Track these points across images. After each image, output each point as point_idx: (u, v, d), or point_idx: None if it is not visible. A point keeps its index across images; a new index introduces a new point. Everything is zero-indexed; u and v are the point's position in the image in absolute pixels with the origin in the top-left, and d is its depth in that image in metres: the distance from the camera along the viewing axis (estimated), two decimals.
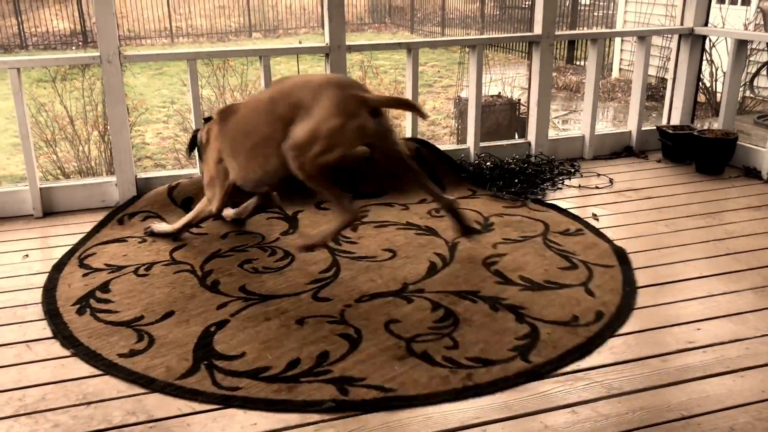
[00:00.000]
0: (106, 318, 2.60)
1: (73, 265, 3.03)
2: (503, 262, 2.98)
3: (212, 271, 2.96)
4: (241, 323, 2.54)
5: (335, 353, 2.33)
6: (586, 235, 3.26)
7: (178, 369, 2.27)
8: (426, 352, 2.32)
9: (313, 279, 2.87)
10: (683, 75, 4.62)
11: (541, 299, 2.66)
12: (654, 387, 2.16)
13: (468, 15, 15.46)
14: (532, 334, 2.43)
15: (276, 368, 2.26)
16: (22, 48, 13.86)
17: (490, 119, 6.74)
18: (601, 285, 2.78)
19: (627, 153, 4.60)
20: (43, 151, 5.77)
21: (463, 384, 2.17)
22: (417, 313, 2.58)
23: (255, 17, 16.23)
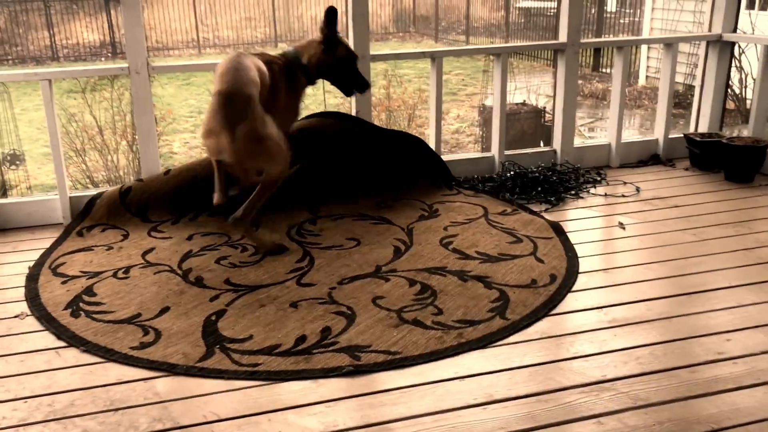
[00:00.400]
0: (103, 318, 2.67)
1: (47, 274, 3.07)
2: (457, 241, 3.29)
3: (191, 269, 3.07)
4: (239, 311, 2.69)
5: (336, 328, 2.54)
6: (522, 214, 3.63)
7: (195, 354, 2.40)
8: (417, 319, 2.60)
9: (291, 269, 3.04)
10: (711, 82, 4.56)
11: (501, 269, 3.01)
12: (682, 398, 2.13)
13: (492, 23, 15.43)
14: (502, 297, 2.76)
15: (286, 345, 2.44)
16: (54, 60, 14.13)
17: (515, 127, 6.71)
18: (546, 253, 3.15)
19: (654, 161, 4.55)
20: (72, 161, 5.87)
21: (457, 341, 2.45)
22: (397, 289, 2.84)
23: (281, 28, 16.36)
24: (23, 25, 14.30)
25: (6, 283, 3.02)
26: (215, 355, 2.39)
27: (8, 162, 5.83)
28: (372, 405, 2.14)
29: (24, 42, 14.34)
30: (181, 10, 15.44)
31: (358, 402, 2.16)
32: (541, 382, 2.23)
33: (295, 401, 2.16)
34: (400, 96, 7.89)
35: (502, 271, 2.97)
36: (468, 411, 2.10)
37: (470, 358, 2.36)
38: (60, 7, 14.72)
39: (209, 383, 2.26)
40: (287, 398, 2.17)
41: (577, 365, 2.31)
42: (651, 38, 9.57)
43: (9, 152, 5.86)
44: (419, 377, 2.27)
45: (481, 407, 2.11)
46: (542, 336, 2.50)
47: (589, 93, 10.29)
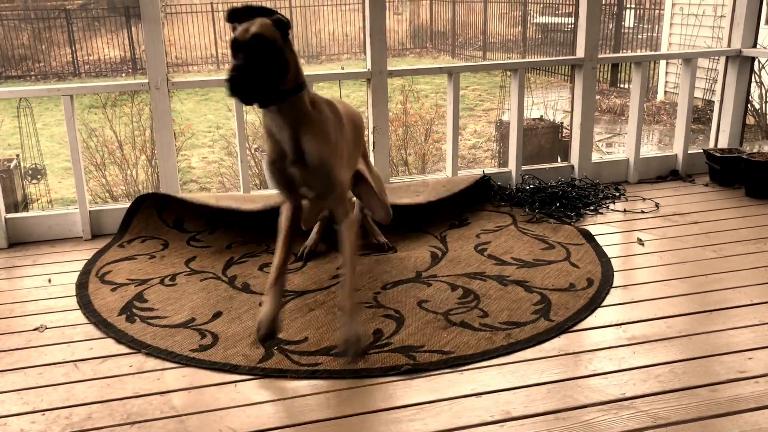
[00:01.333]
0: (159, 323, 2.73)
1: (95, 282, 3.14)
2: (491, 248, 3.36)
3: (236, 276, 3.14)
4: (290, 315, 2.75)
5: (387, 330, 2.61)
6: (550, 222, 3.70)
7: (254, 356, 2.47)
8: (464, 321, 2.67)
9: (333, 275, 3.11)
10: (731, 97, 4.53)
11: (538, 273, 3.07)
12: (703, 418, 2.09)
13: (509, 39, 15.46)
14: (543, 299, 2.83)
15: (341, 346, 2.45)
16: (75, 75, 14.34)
17: (532, 142, 6.70)
18: (580, 258, 3.22)
19: (673, 177, 4.52)
20: (92, 175, 5.94)
21: (507, 341, 2.52)
22: (440, 294, 2.91)
23: (299, 44, 16.50)
24: (46, 41, 14.56)
25: (26, 296, 3.05)
26: (274, 356, 2.46)
27: (30, 176, 5.91)
28: (388, 421, 2.12)
29: (46, 58, 14.58)
30: (201, 26, 15.64)
31: (374, 417, 2.14)
32: (559, 399, 2.20)
33: (310, 417, 2.15)
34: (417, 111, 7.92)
35: (540, 276, 3.04)
36: (485, 428, 2.08)
37: (488, 375, 2.35)
38: (82, 24, 14.97)
39: (225, 397, 2.26)
40: (301, 413, 2.16)
41: (596, 383, 2.29)
42: (669, 53, 9.53)
43: (31, 166, 5.94)
44: (436, 393, 2.25)
45: (498, 425, 2.09)
46: (560, 353, 2.48)
47: (606, 108, 10.25)
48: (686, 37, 9.84)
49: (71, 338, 2.68)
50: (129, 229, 3.64)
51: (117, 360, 2.51)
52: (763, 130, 7.75)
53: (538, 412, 2.14)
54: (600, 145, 8.36)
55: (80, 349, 2.60)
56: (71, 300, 3.00)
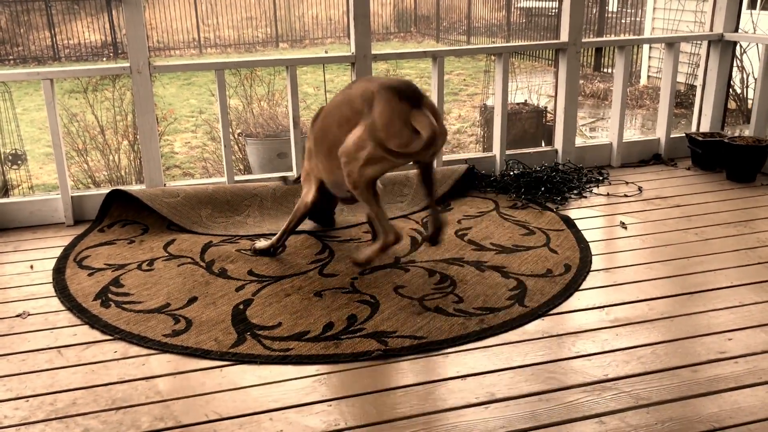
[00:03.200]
0: (133, 308, 2.73)
1: (73, 267, 3.13)
2: (472, 233, 3.38)
3: (214, 260, 3.13)
4: (265, 300, 2.76)
5: (361, 315, 2.62)
6: (532, 207, 3.73)
7: (227, 341, 2.47)
8: (439, 307, 2.68)
9: (312, 260, 3.12)
10: (713, 81, 4.56)
11: (516, 259, 3.09)
12: (684, 398, 2.13)
13: (493, 23, 15.43)
14: (520, 285, 2.84)
15: (315, 331, 2.52)
16: (55, 60, 14.15)
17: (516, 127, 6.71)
18: (559, 245, 3.24)
19: (655, 160, 4.55)
20: (74, 161, 5.87)
21: (480, 327, 2.53)
22: (417, 279, 2.92)
23: (282, 28, 16.37)
24: (25, 25, 14.33)
25: (8, 283, 3.03)
26: (247, 341, 2.46)
27: (10, 162, 5.83)
28: (374, 404, 2.14)
29: (25, 42, 14.36)
30: (183, 9, 15.46)
31: (360, 400, 2.16)
32: (542, 381, 2.23)
33: (297, 400, 2.16)
34: None
35: (517, 262, 3.05)
36: (470, 410, 2.10)
37: (472, 357, 2.37)
38: (61, 7, 14.74)
39: (210, 381, 2.26)
40: (288, 397, 2.17)
41: (579, 364, 2.31)
42: (653, 38, 9.57)
43: (11, 152, 5.86)
44: (420, 376, 2.27)
45: (483, 406, 2.11)
46: (544, 335, 2.50)
47: (590, 93, 10.28)
48: (669, 21, 9.88)
49: (54, 324, 2.66)
50: (108, 212, 3.62)
51: (101, 346, 2.50)
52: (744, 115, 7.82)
53: (522, 393, 2.16)
54: (583, 129, 8.39)
55: (63, 335, 2.58)
56: (54, 286, 2.98)
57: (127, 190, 3.62)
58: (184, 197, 3.62)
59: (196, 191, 3.68)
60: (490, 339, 2.47)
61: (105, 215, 3.62)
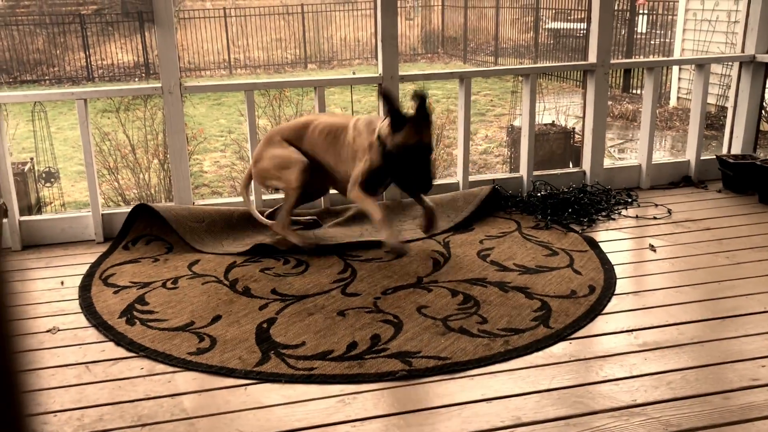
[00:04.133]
0: (158, 326, 2.75)
1: (98, 285, 3.16)
2: (494, 254, 3.35)
3: (237, 279, 3.15)
4: (289, 319, 2.76)
5: (385, 335, 2.60)
6: (555, 228, 3.68)
7: (251, 359, 2.47)
8: (463, 327, 2.65)
9: (334, 279, 3.12)
10: (744, 103, 4.51)
11: (540, 280, 3.05)
12: (715, 425, 2.08)
13: (521, 44, 15.45)
14: (544, 306, 2.80)
15: (338, 351, 2.51)
16: (89, 80, 14.46)
17: (544, 148, 6.68)
18: (583, 265, 3.20)
19: (685, 183, 4.50)
20: (105, 179, 5.97)
21: (504, 348, 2.50)
22: (440, 299, 2.89)
23: (310, 49, 16.57)
24: (61, 46, 14.69)
25: (39, 298, 3.08)
26: (271, 360, 2.46)
27: (43, 179, 5.95)
28: (398, 426, 2.12)
29: (61, 62, 14.71)
30: (214, 31, 15.73)
31: (385, 422, 2.14)
32: (570, 405, 2.19)
33: (321, 420, 2.15)
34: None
35: (541, 282, 3.02)
36: None
37: (497, 380, 2.34)
38: (96, 28, 15.09)
39: (235, 400, 2.27)
40: (313, 417, 2.17)
41: (607, 389, 2.28)
42: (682, 59, 9.49)
43: (44, 170, 5.99)
44: (445, 399, 2.25)
45: (509, 430, 2.08)
46: (571, 358, 2.47)
47: (619, 114, 10.21)
48: (699, 42, 9.79)
49: (83, 340, 2.70)
50: (133, 227, 3.66)
51: (128, 362, 2.52)
52: None
53: (549, 417, 2.13)
54: (612, 150, 8.32)
55: (92, 351, 2.61)
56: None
57: (154, 206, 3.66)
58: (208, 223, 3.64)
59: (222, 216, 3.69)
60: (515, 361, 2.43)
61: (129, 229, 3.66)
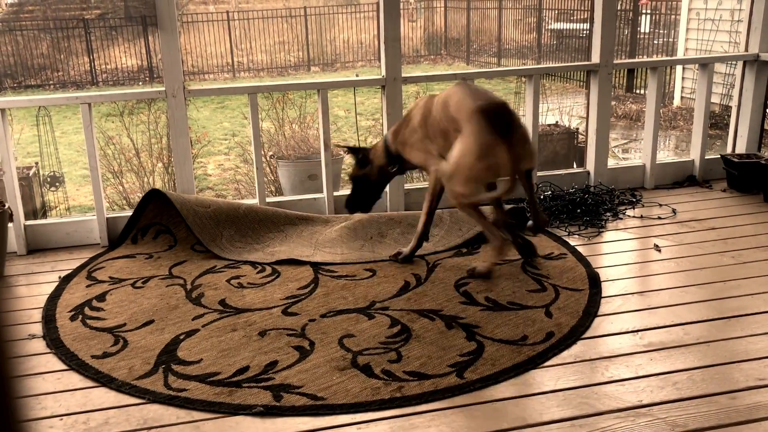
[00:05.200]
0: (93, 324, 2.81)
1: (81, 276, 3.26)
2: (474, 284, 3.08)
3: (201, 285, 3.15)
4: (209, 333, 2.71)
5: (283, 363, 2.47)
6: (567, 260, 3.32)
7: (139, 371, 2.46)
8: (368, 365, 2.44)
9: (289, 295, 3.02)
10: (749, 102, 4.49)
11: (498, 319, 2.75)
12: (722, 426, 2.07)
13: (524, 45, 15.43)
14: (477, 351, 2.51)
15: (225, 374, 2.41)
16: (93, 84, 14.50)
17: (548, 148, 6.67)
18: (563, 307, 2.84)
19: (690, 182, 4.48)
20: (110, 182, 5.99)
21: (391, 395, 2.26)
22: (374, 329, 2.70)
23: (314, 52, 16.58)
24: (65, 51, 14.73)
25: (44, 302, 3.08)
26: (155, 374, 2.43)
27: (48, 184, 5.97)
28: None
29: (65, 67, 14.75)
30: (217, 34, 15.76)
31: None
32: (575, 406, 2.19)
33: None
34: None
35: (497, 322, 2.71)
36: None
37: (502, 383, 2.33)
38: (100, 33, 15.13)
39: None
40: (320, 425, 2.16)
41: (613, 390, 2.27)
42: (686, 58, 9.47)
43: (49, 174, 6.00)
44: (448, 402, 2.24)
45: (514, 431, 2.08)
46: (576, 359, 2.46)
47: (622, 114, 10.19)
48: (703, 42, 9.77)
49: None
50: (143, 214, 3.69)
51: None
52: None
53: (554, 419, 2.13)
54: (615, 151, 8.31)
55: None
56: None
57: (164, 191, 3.67)
58: (214, 210, 3.64)
59: (228, 207, 3.71)
60: (395, 410, 2.17)
61: (141, 215, 3.69)
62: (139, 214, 3.70)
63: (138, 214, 3.70)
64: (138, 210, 3.71)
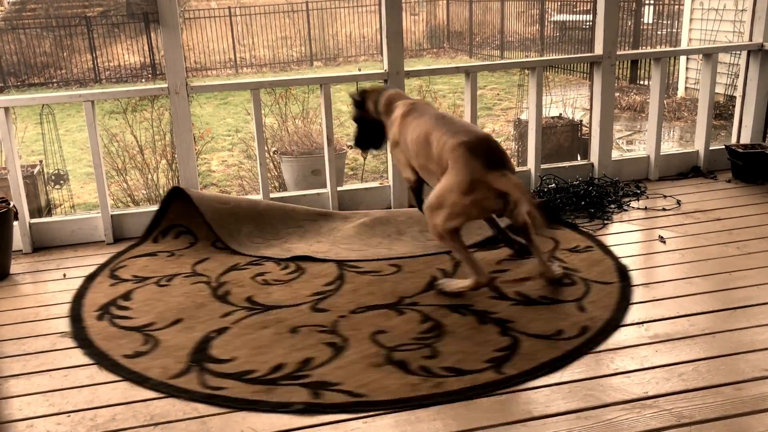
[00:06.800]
0: (121, 323, 2.79)
1: (105, 275, 3.25)
2: (503, 278, 3.05)
3: (226, 282, 3.13)
4: (240, 330, 2.70)
5: (318, 360, 2.46)
6: (594, 252, 3.30)
7: (172, 370, 2.44)
8: (403, 361, 2.42)
9: (316, 291, 3.01)
10: (753, 92, 4.47)
11: (530, 314, 2.73)
12: (728, 416, 2.07)
13: (527, 37, 15.38)
14: (511, 347, 2.49)
15: (260, 372, 2.40)
16: (96, 82, 14.51)
17: (551, 141, 6.65)
18: (595, 301, 2.81)
19: (694, 173, 4.47)
20: (114, 180, 5.99)
21: (431, 391, 2.24)
22: (405, 325, 2.68)
23: (316, 46, 16.56)
24: (67, 48, 14.75)
25: (50, 300, 3.10)
26: (190, 373, 2.41)
27: (53, 182, 5.99)
28: (406, 421, 2.12)
29: (68, 65, 14.77)
30: (219, 30, 15.75)
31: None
32: (581, 398, 2.19)
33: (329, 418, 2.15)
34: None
35: (529, 317, 2.70)
36: (505, 428, 2.07)
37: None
38: (102, 30, 15.14)
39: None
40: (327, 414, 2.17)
41: (618, 381, 2.27)
42: (689, 49, 9.42)
43: (54, 172, 6.02)
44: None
45: (520, 424, 2.08)
46: (582, 352, 2.46)
47: (626, 105, 10.16)
48: (707, 32, 9.73)
49: None
50: (166, 215, 3.69)
51: None
52: None
53: (560, 411, 2.13)
54: (620, 142, 8.29)
55: None
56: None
57: (185, 189, 3.67)
58: (233, 206, 3.66)
59: (248, 204, 3.72)
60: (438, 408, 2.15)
61: (164, 216, 3.70)
62: (162, 215, 3.70)
63: (161, 215, 3.70)
64: (161, 210, 3.71)
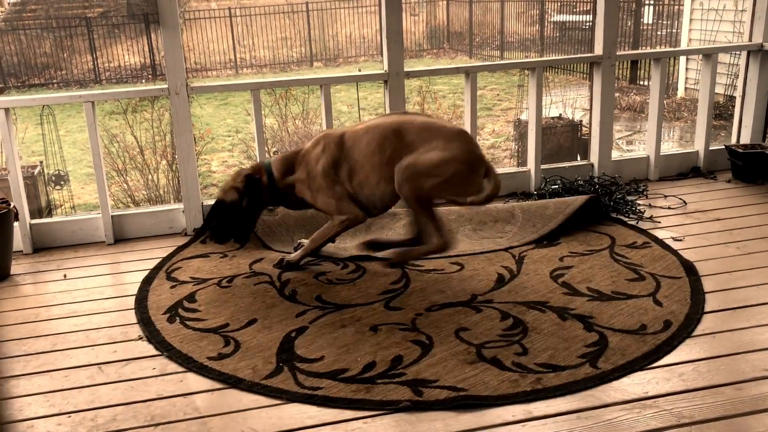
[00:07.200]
0: (194, 325, 2.77)
1: (161, 278, 3.22)
2: (570, 274, 3.05)
3: (289, 281, 3.12)
4: (319, 329, 2.69)
5: (408, 357, 2.44)
6: (654, 248, 3.30)
7: (264, 370, 2.42)
8: (496, 358, 2.41)
9: (384, 290, 3.00)
10: (753, 92, 4.48)
11: (609, 309, 2.72)
12: (728, 416, 2.07)
13: (527, 38, 15.39)
14: (600, 342, 2.48)
15: (353, 370, 2.39)
16: (97, 82, 14.52)
17: (551, 141, 6.66)
18: (669, 295, 2.81)
19: (694, 173, 4.47)
20: (114, 180, 6.00)
21: (533, 387, 2.24)
22: (486, 322, 2.67)
23: (316, 47, 16.57)
24: (67, 49, 14.75)
25: (50, 301, 3.10)
26: (282, 373, 2.40)
27: (53, 182, 5.99)
28: (410, 421, 2.12)
29: (68, 66, 14.78)
30: (219, 31, 15.75)
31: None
32: (581, 398, 2.19)
33: (331, 418, 2.16)
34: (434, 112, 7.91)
35: (610, 312, 2.69)
36: (507, 428, 2.07)
37: (514, 427, 2.33)
38: (102, 31, 15.15)
39: (247, 398, 2.27)
40: (325, 415, 2.17)
41: (618, 381, 2.27)
42: (689, 49, 9.43)
43: (54, 173, 6.02)
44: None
45: (520, 424, 2.09)
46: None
47: (626, 106, 10.16)
48: (706, 32, 9.73)
49: (95, 341, 2.71)
50: None
51: (140, 362, 2.54)
52: None
53: (560, 411, 2.13)
54: (620, 142, 8.29)
55: (104, 351, 2.63)
56: (95, 304, 3.05)
57: None
58: (282, 215, 3.65)
59: (296, 213, 3.61)
60: (539, 403, 2.16)
61: None
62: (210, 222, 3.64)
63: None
64: None
